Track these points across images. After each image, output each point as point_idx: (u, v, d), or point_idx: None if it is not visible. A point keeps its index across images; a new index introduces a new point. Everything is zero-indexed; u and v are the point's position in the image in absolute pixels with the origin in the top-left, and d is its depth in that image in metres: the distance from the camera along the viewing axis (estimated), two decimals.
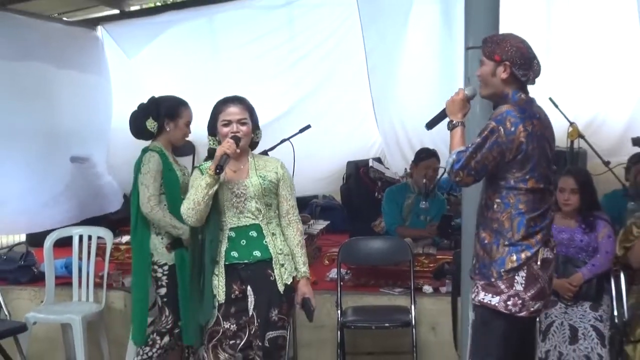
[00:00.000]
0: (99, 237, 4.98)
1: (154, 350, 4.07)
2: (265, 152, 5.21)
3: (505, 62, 3.13)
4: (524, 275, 3.10)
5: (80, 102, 6.51)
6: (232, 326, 3.46)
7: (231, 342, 3.48)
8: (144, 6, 7.42)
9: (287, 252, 3.52)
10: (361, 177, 7.03)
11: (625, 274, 4.30)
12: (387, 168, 7.09)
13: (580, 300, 4.11)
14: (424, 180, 5.57)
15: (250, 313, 3.45)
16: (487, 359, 3.22)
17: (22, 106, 5.76)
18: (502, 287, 3.12)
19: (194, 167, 6.59)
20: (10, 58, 5.65)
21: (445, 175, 5.89)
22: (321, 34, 7.05)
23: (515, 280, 3.10)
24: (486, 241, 3.19)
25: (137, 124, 4.11)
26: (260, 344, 3.43)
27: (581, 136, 5.68)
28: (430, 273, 5.08)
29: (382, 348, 4.78)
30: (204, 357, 3.53)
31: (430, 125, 3.48)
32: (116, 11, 7.07)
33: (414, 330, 4.52)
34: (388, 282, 5.07)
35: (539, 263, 3.11)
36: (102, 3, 6.76)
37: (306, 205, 7.14)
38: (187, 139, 4.34)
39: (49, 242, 4.95)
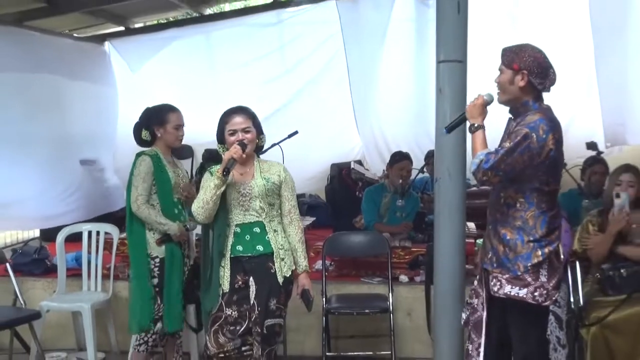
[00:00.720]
0: (106, 233, 4.97)
1: (149, 335, 4.06)
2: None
3: (524, 71, 3.10)
4: (547, 267, 3.12)
5: (89, 111, 6.50)
6: (233, 313, 3.49)
7: (231, 327, 3.50)
8: (147, 23, 7.40)
9: (287, 247, 3.54)
10: (344, 178, 7.03)
11: (580, 265, 4.31)
12: (367, 169, 7.10)
13: (556, 289, 4.11)
14: (400, 181, 5.58)
15: (252, 302, 3.47)
16: (531, 345, 3.22)
17: (37, 114, 5.74)
18: (529, 279, 3.11)
19: (192, 169, 6.62)
20: (26, 70, 5.62)
21: (420, 175, 5.93)
22: (308, 50, 7.06)
23: (540, 273, 3.11)
24: (508, 237, 3.16)
25: (136, 135, 4.13)
26: (259, 330, 3.44)
27: None
28: (406, 264, 5.08)
29: (363, 332, 4.78)
30: (206, 341, 3.53)
31: (450, 129, 3.37)
32: (122, 28, 7.05)
33: (391, 315, 4.53)
34: (368, 273, 5.07)
35: (556, 256, 3.16)
36: (108, 20, 6.74)
37: None
38: (187, 143, 4.32)
39: (60, 237, 4.93)
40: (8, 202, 5.48)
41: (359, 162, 7.22)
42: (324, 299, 4.61)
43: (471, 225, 5.28)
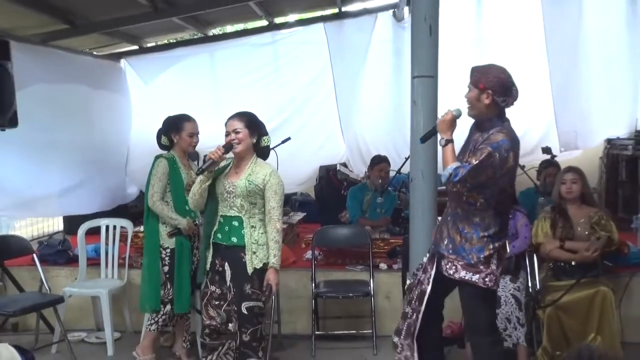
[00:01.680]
0: (121, 227, 4.96)
1: (159, 316, 4.11)
2: None
3: (488, 91, 3.08)
4: (497, 257, 3.16)
5: (107, 119, 6.49)
6: (216, 289, 3.55)
7: (216, 302, 3.56)
8: (159, 43, 7.37)
9: (263, 242, 3.50)
10: (330, 178, 7.03)
11: (537, 254, 4.33)
12: (351, 171, 7.09)
13: (502, 274, 4.12)
14: (379, 181, 5.58)
15: (228, 284, 3.52)
16: (480, 321, 3.27)
17: (62, 121, 5.72)
18: (481, 267, 3.15)
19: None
20: (52, 82, 5.59)
21: (398, 175, 5.93)
22: (299, 66, 7.04)
23: (491, 262, 3.15)
24: (466, 230, 3.19)
25: (158, 140, 4.21)
26: (236, 309, 3.47)
27: None
28: (385, 254, 5.08)
29: (347, 313, 4.77)
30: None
31: (423, 140, 3.40)
32: (136, 47, 7.01)
33: (372, 299, 4.52)
34: (352, 261, 5.06)
35: (503, 248, 3.22)
36: (124, 40, 6.70)
37: (287, 201, 7.09)
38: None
39: (81, 231, 4.89)
40: (36, 196, 5.48)
41: (344, 165, 7.21)
42: (313, 284, 4.59)
43: None
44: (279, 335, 4.71)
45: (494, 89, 3.07)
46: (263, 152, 3.66)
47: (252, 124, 3.55)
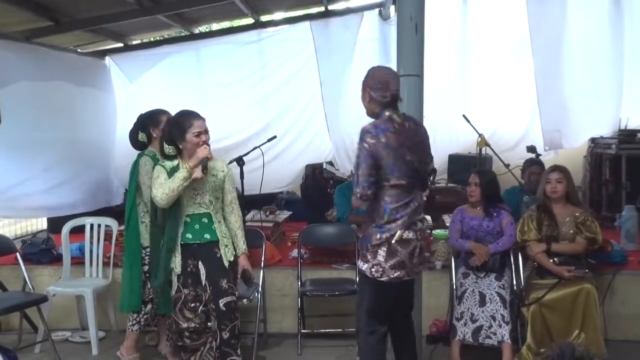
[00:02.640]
0: (106, 225, 4.90)
1: (141, 315, 4.09)
2: (240, 158, 5.17)
3: (367, 88, 3.25)
4: (385, 249, 3.19)
5: (92, 116, 6.46)
6: (190, 292, 3.53)
7: (191, 305, 3.55)
8: (144, 40, 7.34)
9: (229, 235, 3.58)
10: (317, 176, 7.03)
11: (521, 253, 4.36)
12: (337, 169, 7.08)
13: (487, 272, 4.15)
14: None
15: (204, 283, 3.51)
16: (361, 309, 3.35)
17: (45, 119, 5.68)
18: (369, 257, 3.24)
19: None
20: (36, 79, 5.56)
21: None
22: (285, 65, 7.06)
23: (378, 253, 3.20)
24: (366, 222, 3.32)
25: (133, 139, 4.12)
26: (214, 307, 3.48)
27: (487, 144, 5.73)
28: None
29: (333, 311, 4.77)
30: (174, 319, 3.57)
31: None
32: (120, 44, 6.99)
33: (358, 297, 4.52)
34: (337, 260, 5.05)
35: (396, 242, 3.17)
36: (109, 37, 6.67)
37: (273, 199, 7.10)
38: None
39: (65, 229, 4.85)
40: (20, 195, 5.45)
41: (330, 163, 7.21)
42: (299, 282, 4.59)
43: (427, 218, 5.29)
44: (265, 334, 4.71)
45: (370, 86, 3.23)
46: None
47: None
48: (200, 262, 3.52)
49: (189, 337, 3.60)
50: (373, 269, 3.21)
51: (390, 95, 3.20)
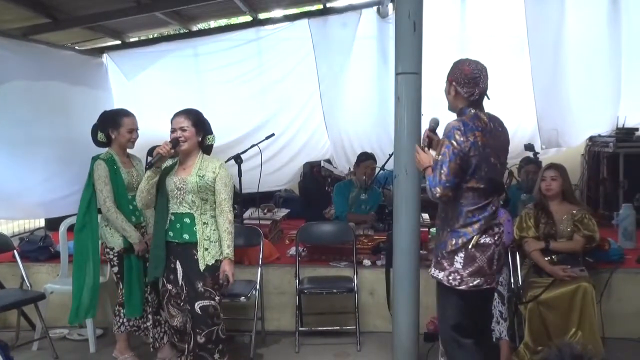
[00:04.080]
0: None
1: (121, 318, 4.06)
2: (238, 155, 5.17)
3: (453, 82, 3.09)
4: (462, 255, 3.03)
5: (88, 114, 6.36)
6: (172, 288, 3.55)
7: (175, 300, 3.57)
8: (142, 38, 7.33)
9: (215, 239, 3.50)
10: (315, 174, 7.05)
11: (519, 251, 4.37)
12: (335, 167, 7.11)
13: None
14: (364, 177, 5.59)
15: (180, 283, 3.52)
16: (444, 322, 3.19)
17: (42, 117, 5.64)
18: (445, 264, 3.07)
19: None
20: (32, 78, 5.53)
21: (382, 172, 5.95)
22: (283, 63, 7.05)
23: (455, 260, 3.05)
24: (438, 227, 3.20)
25: (93, 138, 4.06)
26: (190, 308, 3.47)
27: None
28: (369, 250, 5.09)
29: (331, 309, 4.78)
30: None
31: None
32: (118, 42, 6.96)
33: (356, 295, 4.53)
34: (336, 257, 5.06)
35: (473, 247, 3.02)
36: (106, 35, 6.65)
37: (271, 197, 7.11)
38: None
39: (63, 227, 4.85)
40: (17, 195, 5.41)
41: (328, 161, 7.23)
42: (297, 280, 4.59)
43: (425, 216, 5.31)
44: (263, 332, 4.71)
45: (457, 81, 3.06)
46: (208, 150, 3.66)
47: (199, 122, 3.54)
48: (178, 261, 3.52)
49: (174, 335, 3.62)
50: (450, 277, 3.05)
51: (479, 93, 3.06)
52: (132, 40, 7.08)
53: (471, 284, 3.03)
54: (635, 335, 4.53)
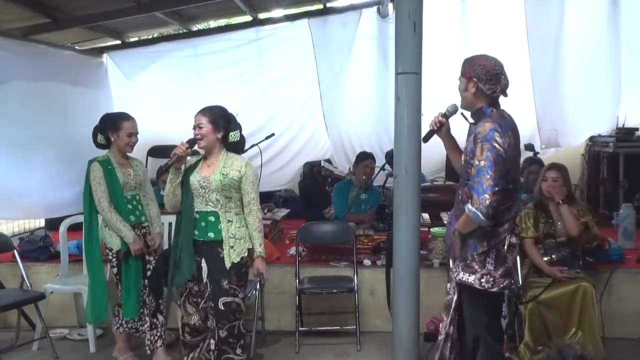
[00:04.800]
0: None
1: (120, 318, 4.05)
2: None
3: (474, 79, 3.00)
4: (494, 256, 3.01)
5: (88, 114, 6.38)
6: (194, 286, 3.53)
7: (194, 299, 3.55)
8: (142, 38, 7.33)
9: (240, 236, 3.49)
10: (315, 174, 7.05)
11: (519, 250, 4.36)
12: (335, 167, 7.11)
13: None
14: (364, 177, 5.59)
15: (205, 281, 3.50)
16: (480, 327, 3.12)
17: (42, 117, 5.66)
18: (476, 267, 3.03)
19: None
20: (32, 79, 5.53)
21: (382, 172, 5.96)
22: (283, 63, 7.05)
23: (487, 261, 3.01)
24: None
25: (94, 139, 4.07)
26: (212, 305, 3.47)
27: None
28: (369, 250, 5.08)
29: (332, 309, 4.78)
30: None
31: (425, 139, 3.35)
32: (118, 42, 6.97)
33: (356, 294, 4.53)
34: (336, 257, 5.06)
35: (505, 247, 3.01)
36: (106, 35, 6.66)
37: (271, 197, 7.11)
38: (175, 144, 4.26)
39: (63, 227, 4.85)
40: (17, 195, 5.42)
41: (328, 161, 7.23)
42: (297, 280, 4.59)
43: (425, 216, 5.32)
44: (263, 332, 4.70)
45: (479, 77, 2.98)
46: (235, 147, 3.62)
47: (217, 119, 3.51)
48: (203, 260, 3.50)
49: (189, 332, 3.60)
50: (483, 279, 2.99)
51: (501, 89, 3.00)
52: (132, 40, 7.09)
53: (502, 285, 3.02)
54: (635, 335, 4.53)
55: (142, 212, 4.08)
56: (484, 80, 2.98)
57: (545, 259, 4.17)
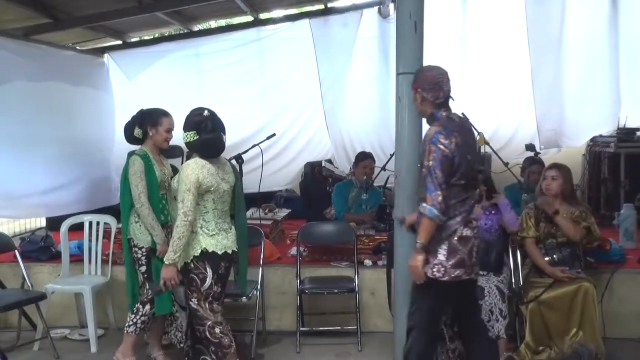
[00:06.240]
0: (105, 223, 4.91)
1: (138, 316, 3.99)
2: (239, 155, 5.16)
3: (418, 89, 3.25)
4: (446, 248, 3.17)
5: (89, 114, 6.43)
6: (218, 289, 3.50)
7: (217, 302, 3.52)
8: (143, 38, 7.33)
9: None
10: (316, 174, 7.05)
11: (520, 251, 4.37)
12: (336, 167, 7.10)
13: (484, 271, 4.15)
14: (364, 177, 5.59)
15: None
16: (417, 310, 3.31)
17: (43, 117, 5.66)
18: (430, 257, 3.19)
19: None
20: (33, 79, 5.54)
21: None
22: (284, 63, 7.05)
23: (439, 252, 3.18)
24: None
25: (128, 132, 4.04)
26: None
27: (487, 143, 5.74)
28: (370, 250, 5.08)
29: (333, 309, 4.78)
30: (200, 310, 3.46)
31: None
32: (119, 42, 6.97)
33: (357, 295, 4.53)
34: (337, 257, 5.06)
35: (456, 239, 3.17)
36: (107, 35, 6.66)
37: (272, 197, 7.11)
38: (176, 143, 4.25)
39: (64, 227, 4.86)
40: (18, 194, 5.42)
41: (329, 161, 7.23)
42: (298, 280, 4.59)
43: None
44: (264, 332, 4.71)
45: (422, 87, 3.23)
46: (197, 149, 3.52)
47: (184, 124, 3.52)
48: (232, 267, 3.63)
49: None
50: (434, 269, 3.17)
51: (444, 95, 3.21)
52: (133, 40, 7.09)
53: (453, 275, 3.17)
54: (636, 336, 4.53)
55: (169, 212, 4.05)
56: (427, 89, 3.21)
57: (547, 259, 4.17)
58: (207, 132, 3.47)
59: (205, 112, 3.53)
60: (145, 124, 4.00)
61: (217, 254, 3.44)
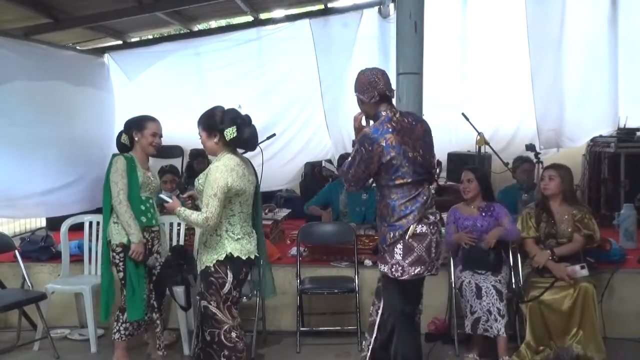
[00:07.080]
0: None
1: (120, 323, 3.96)
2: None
3: (356, 93, 3.36)
4: (401, 247, 3.20)
5: (90, 114, 6.42)
6: (237, 294, 3.49)
7: (235, 306, 3.50)
8: (143, 38, 7.34)
9: (210, 245, 3.44)
10: (316, 174, 7.05)
11: (520, 251, 4.37)
12: (337, 167, 7.10)
13: (483, 270, 4.16)
14: None
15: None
16: (393, 311, 3.37)
17: (44, 117, 5.65)
18: (387, 257, 3.25)
19: (182, 166, 6.53)
20: (34, 79, 5.53)
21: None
22: (284, 63, 7.06)
23: (395, 252, 3.21)
24: (378, 224, 3.42)
25: (117, 142, 4.05)
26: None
27: (486, 143, 5.75)
28: (370, 250, 5.07)
29: (333, 309, 4.78)
30: (218, 313, 3.40)
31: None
32: (119, 42, 6.98)
33: (357, 295, 4.53)
34: (337, 257, 5.06)
35: (411, 237, 3.18)
36: (108, 35, 6.67)
37: (272, 197, 7.11)
38: (177, 144, 4.25)
39: (64, 227, 4.85)
40: (18, 194, 5.41)
41: (329, 161, 7.21)
42: (298, 280, 4.59)
43: None
44: (264, 332, 4.70)
45: (358, 90, 3.33)
46: (239, 143, 3.55)
47: (209, 123, 3.47)
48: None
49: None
50: (393, 269, 3.22)
51: (379, 94, 3.24)
52: (133, 40, 7.10)
53: (413, 273, 3.21)
54: (636, 336, 4.52)
55: (153, 216, 4.01)
56: (362, 91, 3.30)
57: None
58: (246, 125, 3.52)
59: (239, 107, 3.60)
60: (131, 130, 3.98)
61: (241, 260, 3.38)
